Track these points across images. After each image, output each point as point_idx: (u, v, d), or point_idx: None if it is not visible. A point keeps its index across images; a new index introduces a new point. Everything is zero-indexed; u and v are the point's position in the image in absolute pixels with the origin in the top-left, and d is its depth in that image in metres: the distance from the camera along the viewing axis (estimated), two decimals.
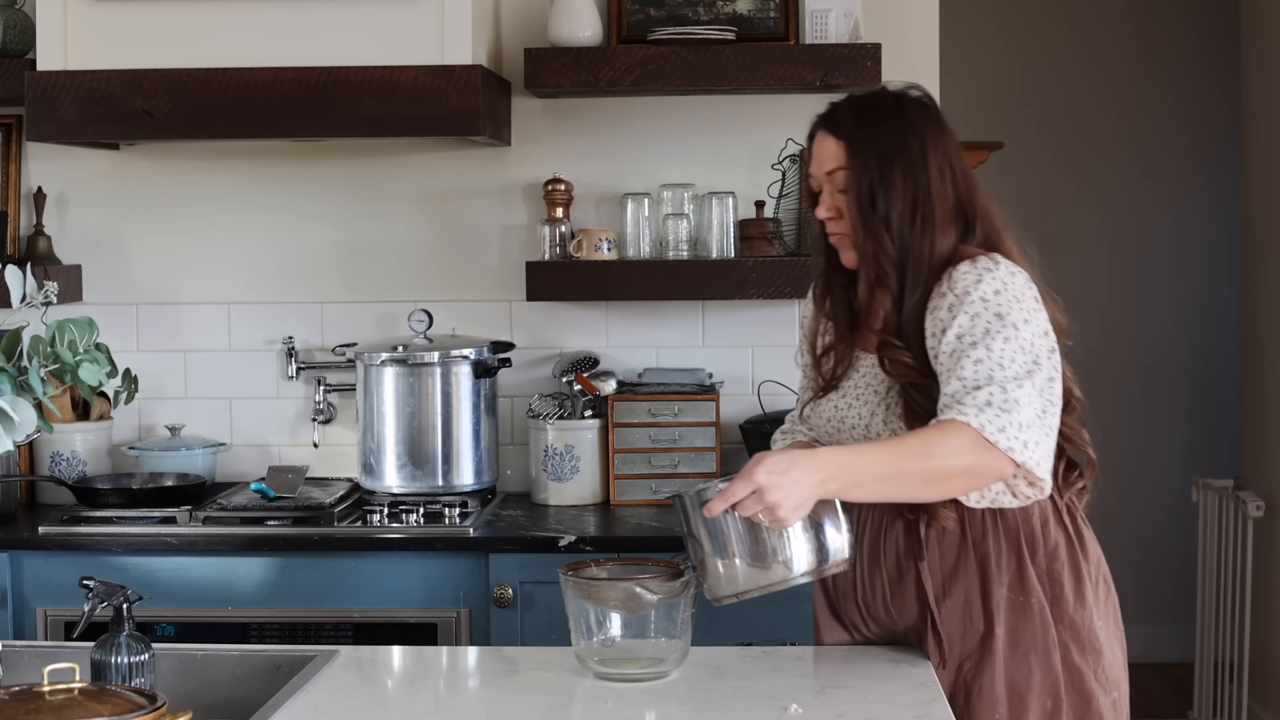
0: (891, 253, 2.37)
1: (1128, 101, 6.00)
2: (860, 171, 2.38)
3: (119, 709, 1.96)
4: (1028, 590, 2.38)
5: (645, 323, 3.87)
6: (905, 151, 2.39)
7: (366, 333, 3.86)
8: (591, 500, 3.71)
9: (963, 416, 2.22)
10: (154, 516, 3.47)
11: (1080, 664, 2.39)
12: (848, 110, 2.45)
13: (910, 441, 2.25)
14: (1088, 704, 2.39)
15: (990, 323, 2.29)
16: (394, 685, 2.43)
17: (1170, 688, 5.71)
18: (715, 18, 3.73)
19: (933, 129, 2.43)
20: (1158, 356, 6.05)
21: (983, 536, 2.38)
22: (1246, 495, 4.80)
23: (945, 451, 2.22)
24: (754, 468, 2.17)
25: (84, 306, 3.83)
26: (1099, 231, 6.04)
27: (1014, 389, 2.24)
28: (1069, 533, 2.43)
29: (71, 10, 3.46)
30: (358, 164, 3.88)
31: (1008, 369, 2.26)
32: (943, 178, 2.40)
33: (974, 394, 2.24)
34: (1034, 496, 2.36)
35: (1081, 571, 2.42)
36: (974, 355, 2.27)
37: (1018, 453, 2.22)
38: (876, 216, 2.37)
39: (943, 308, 2.33)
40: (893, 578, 2.42)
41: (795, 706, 2.16)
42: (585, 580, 2.32)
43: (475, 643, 3.29)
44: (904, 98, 2.46)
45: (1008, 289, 2.33)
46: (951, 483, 2.27)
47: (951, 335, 2.30)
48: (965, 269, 2.34)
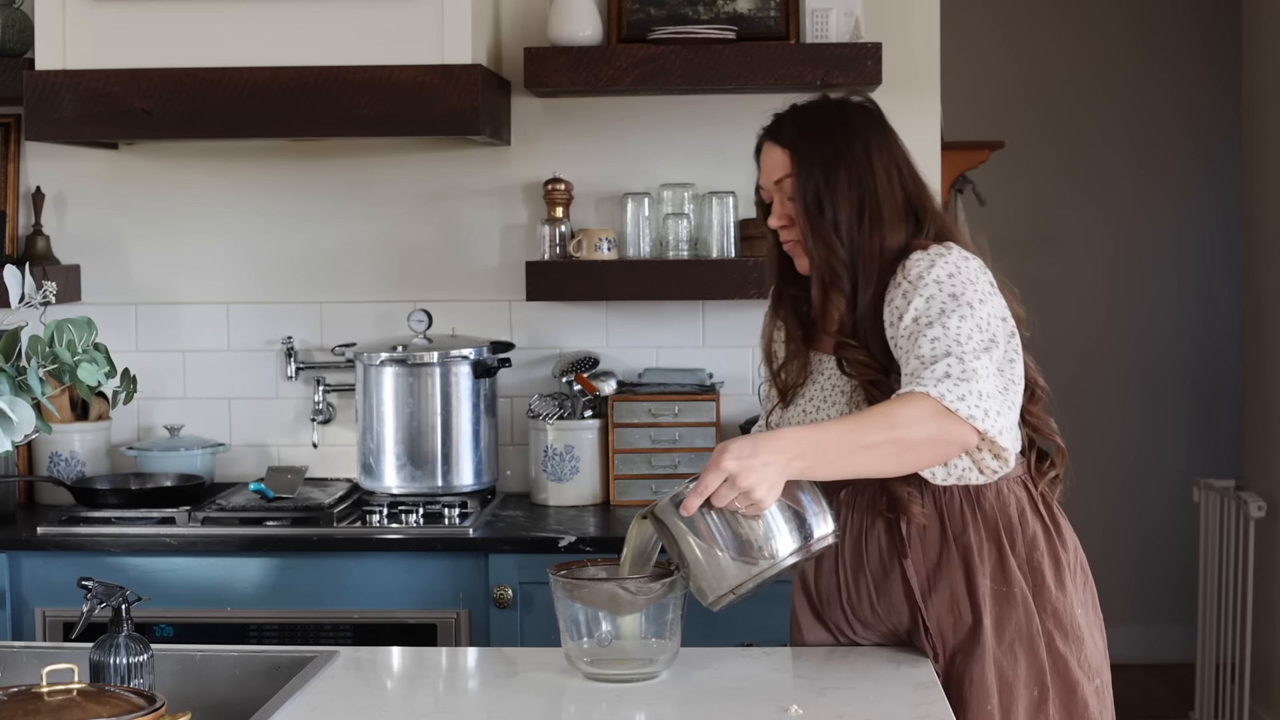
0: (842, 255, 2.41)
1: (1130, 101, 6.00)
2: (806, 177, 2.42)
3: (118, 710, 1.95)
4: (1010, 580, 2.40)
5: (645, 323, 3.87)
6: (849, 155, 2.43)
7: (366, 333, 3.86)
8: (591, 501, 3.70)
9: (921, 387, 2.23)
10: (153, 517, 3.46)
11: (1064, 651, 2.41)
12: (790, 119, 2.50)
13: (872, 415, 2.25)
14: (1073, 691, 2.41)
15: (945, 303, 2.31)
16: (393, 686, 2.43)
17: (1171, 688, 5.71)
18: (715, 17, 3.73)
19: (876, 131, 2.47)
20: (1159, 356, 6.05)
21: (963, 529, 2.40)
22: (1248, 495, 4.80)
23: (907, 421, 2.22)
24: (720, 457, 2.17)
25: (83, 306, 3.82)
26: (1101, 231, 6.04)
27: (971, 360, 2.26)
28: (1045, 522, 2.46)
29: (70, 9, 3.45)
30: (357, 164, 3.87)
31: (965, 345, 2.28)
32: (889, 178, 2.44)
33: (932, 368, 2.26)
34: (1000, 470, 2.37)
35: (1061, 560, 2.45)
36: (930, 334, 2.29)
37: (979, 420, 2.23)
38: (825, 221, 2.41)
39: (898, 296, 2.36)
40: (877, 578, 2.43)
41: (795, 707, 2.15)
42: (570, 580, 2.32)
43: (475, 643, 3.29)
44: (846, 103, 2.50)
45: (961, 272, 2.36)
46: (917, 453, 2.27)
47: (908, 319, 2.32)
48: (918, 257, 2.37)
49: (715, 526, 2.21)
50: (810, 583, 2.51)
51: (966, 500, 2.41)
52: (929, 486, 2.40)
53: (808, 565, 2.48)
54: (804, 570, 2.50)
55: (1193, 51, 5.96)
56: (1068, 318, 6.00)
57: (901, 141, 2.50)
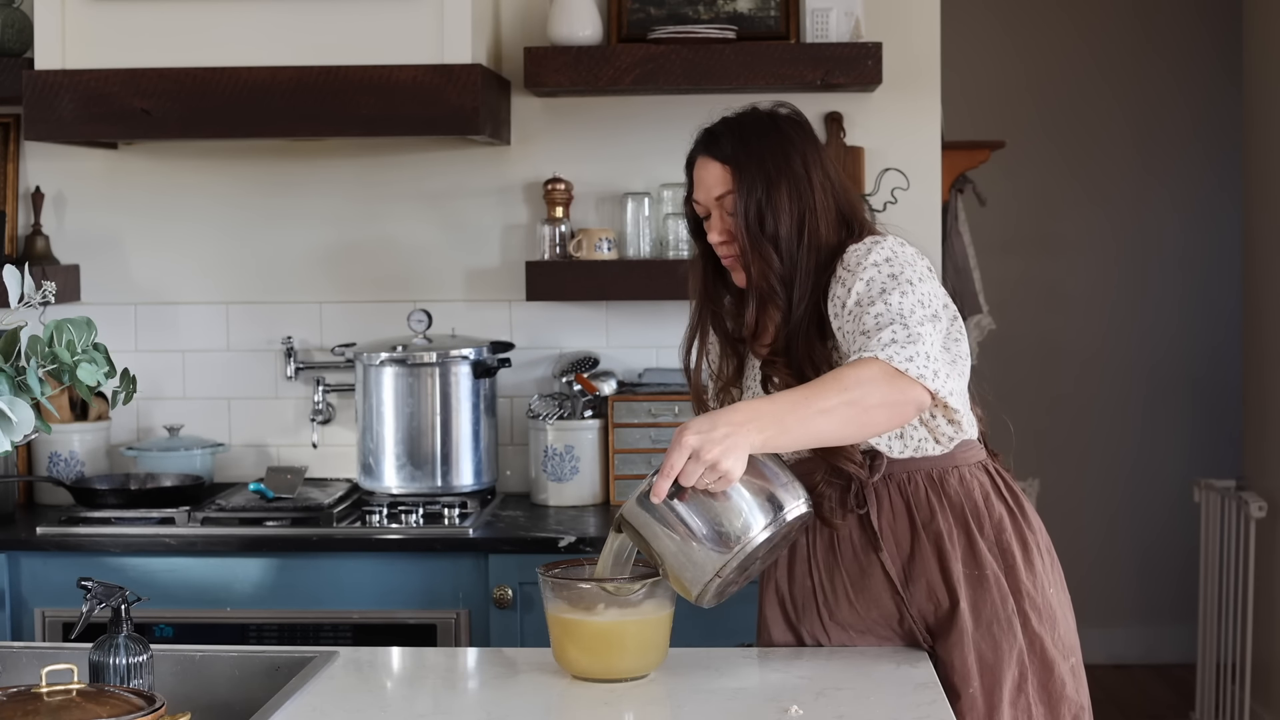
0: (779, 269, 2.42)
1: (1134, 100, 5.99)
2: (748, 193, 2.43)
3: (117, 710, 1.95)
4: (981, 563, 2.42)
5: (645, 323, 3.86)
6: (789, 170, 2.44)
7: (365, 333, 3.85)
8: (591, 501, 3.70)
9: (868, 352, 2.24)
10: (152, 517, 3.46)
11: (1039, 631, 2.43)
12: (727, 133, 2.48)
13: (824, 381, 2.25)
14: (1050, 671, 2.44)
15: (885, 283, 2.33)
16: (393, 686, 2.42)
17: (1172, 689, 5.71)
18: (716, 16, 3.72)
19: (810, 145, 2.48)
20: (1161, 357, 6.04)
21: (930, 517, 2.42)
22: (1249, 496, 4.80)
23: (858, 382, 2.21)
24: (681, 435, 2.16)
25: (82, 306, 3.82)
26: (1104, 231, 6.03)
27: (915, 326, 2.27)
28: (1009, 504, 2.48)
29: (69, 9, 3.45)
30: (357, 163, 3.87)
31: (909, 316, 2.28)
32: (825, 192, 2.45)
33: (877, 335, 2.26)
34: (955, 436, 2.40)
35: (1028, 541, 2.47)
36: (873, 310, 2.30)
37: (929, 380, 2.23)
38: (765, 236, 2.42)
39: (838, 287, 2.38)
40: (854, 575, 2.45)
41: (795, 708, 2.15)
42: (556, 580, 2.31)
43: (475, 644, 3.29)
44: (778, 116, 2.51)
45: (898, 256, 2.38)
46: (873, 415, 2.25)
47: (850, 303, 2.34)
48: (853, 247, 2.40)
49: (685, 516, 2.20)
50: (784, 589, 2.50)
51: (931, 488, 2.44)
52: (894, 477, 2.42)
53: (780, 571, 2.49)
54: (777, 577, 2.50)
55: (1198, 50, 5.95)
56: (1070, 318, 5.99)
57: (828, 152, 2.53)
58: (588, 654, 2.29)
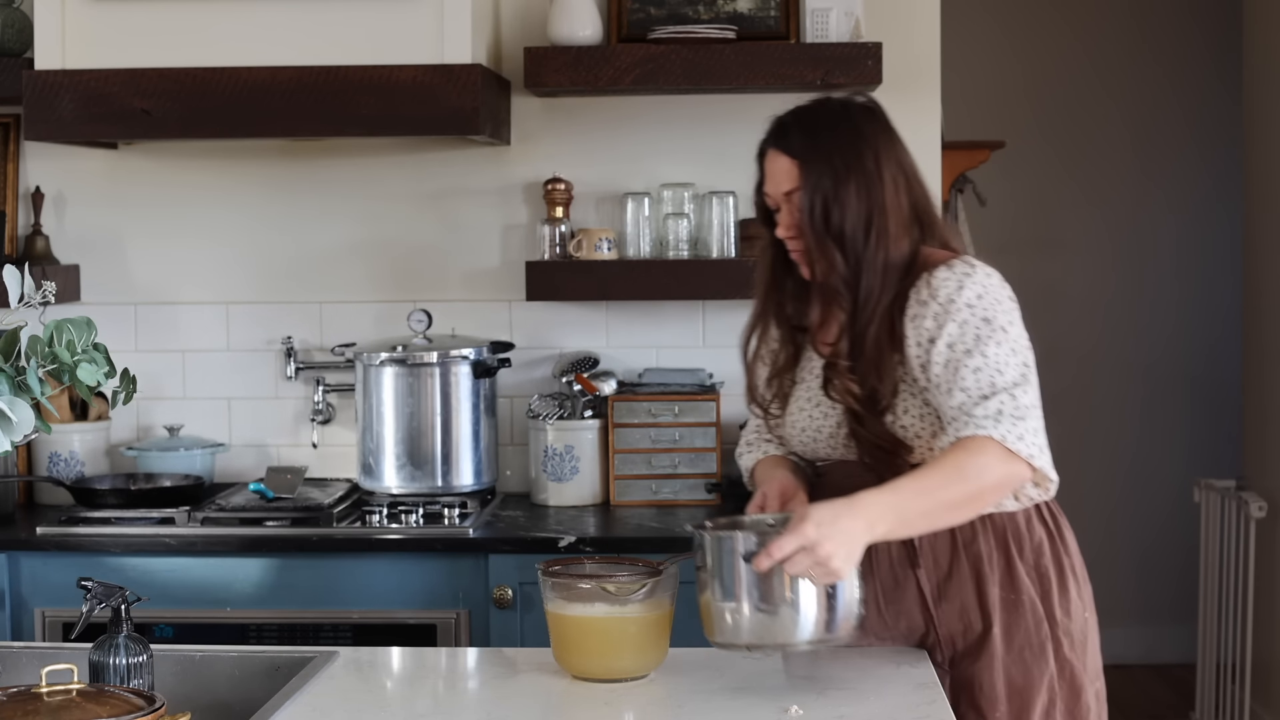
0: (844, 271, 2.36)
1: (1130, 101, 6.00)
2: (813, 189, 2.37)
3: (117, 710, 1.95)
4: (1018, 588, 2.40)
5: (645, 323, 3.86)
6: (859, 165, 2.37)
7: (365, 333, 3.85)
8: (591, 501, 3.70)
9: (982, 430, 2.24)
10: (152, 517, 3.46)
11: (1070, 657, 2.42)
12: (796, 126, 2.43)
13: (944, 468, 2.25)
14: (1078, 697, 2.42)
15: (979, 328, 2.30)
16: (393, 686, 2.42)
17: (1172, 689, 5.71)
18: (715, 16, 3.72)
19: (883, 137, 2.41)
20: (1159, 356, 6.04)
21: (973, 538, 2.40)
22: (1249, 496, 4.80)
23: (978, 470, 2.24)
24: (802, 524, 2.15)
25: (82, 306, 3.82)
26: (1101, 231, 6.03)
27: (1020, 395, 2.27)
28: (1050, 527, 2.46)
29: (69, 9, 3.45)
30: (357, 163, 3.87)
31: (1006, 373, 2.28)
32: (896, 188, 2.39)
33: (983, 404, 2.26)
34: (1037, 498, 2.40)
35: (1064, 565, 2.45)
36: (971, 364, 2.28)
37: (1035, 458, 2.26)
38: (829, 234, 2.36)
39: (926, 316, 2.33)
40: (887, 586, 2.43)
41: (796, 708, 2.15)
42: (556, 579, 2.31)
43: (475, 644, 3.29)
44: (852, 107, 2.44)
45: (989, 292, 2.34)
46: (985, 499, 2.31)
47: (942, 345, 2.31)
48: (944, 275, 2.34)
49: (749, 585, 2.20)
50: None
51: None
52: None
53: None
54: None
55: (1194, 51, 5.96)
56: (1068, 318, 5.99)
57: (903, 143, 2.45)
58: (588, 654, 2.29)
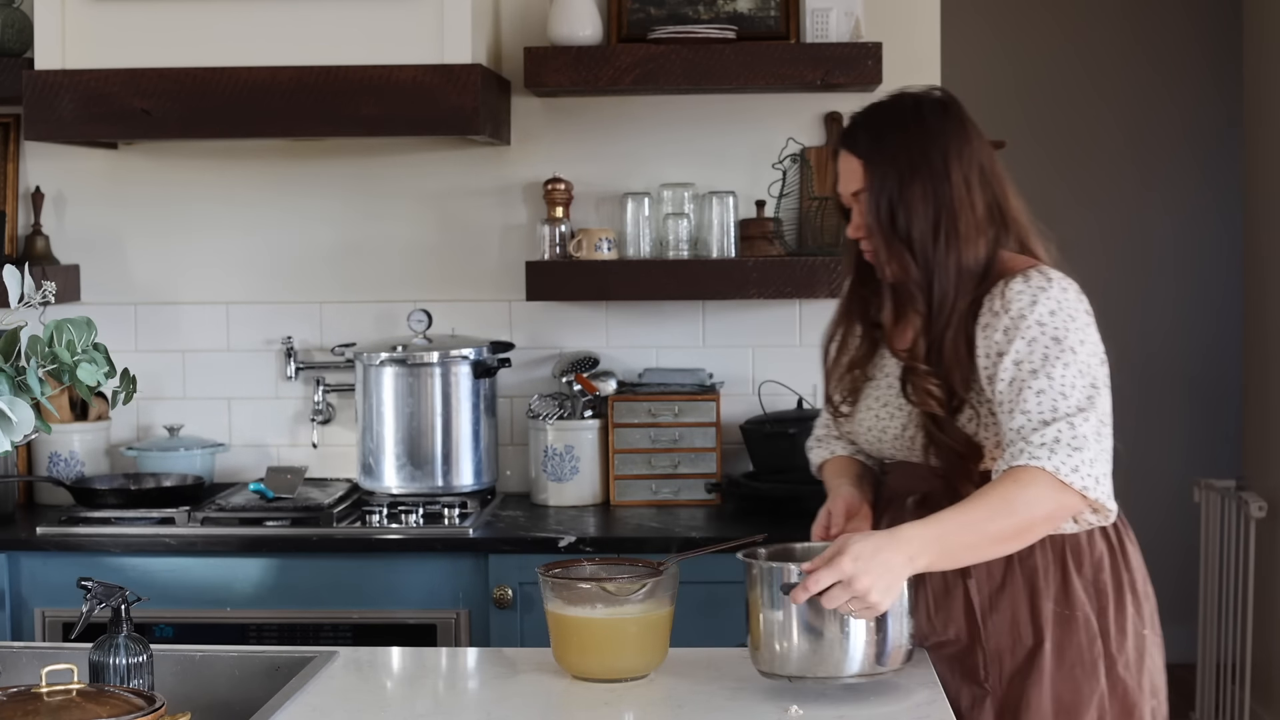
0: (916, 275, 2.31)
1: (1125, 102, 6.00)
2: (879, 190, 2.32)
3: (117, 710, 1.95)
4: (1073, 604, 2.35)
5: (645, 323, 3.86)
6: (926, 165, 2.31)
7: (366, 333, 3.85)
8: (591, 501, 3.70)
9: (1035, 462, 2.19)
10: (152, 517, 3.46)
11: (1124, 676, 2.37)
12: (864, 124, 2.39)
13: (990, 500, 2.21)
14: (1129, 716, 2.37)
15: (1048, 347, 2.26)
16: (393, 686, 2.42)
17: (1172, 689, 5.61)
18: (715, 16, 3.72)
19: (955, 134, 2.35)
20: (1157, 357, 6.04)
21: (1029, 551, 2.34)
22: (1249, 496, 4.79)
23: (1027, 503, 2.20)
24: (839, 557, 2.11)
25: (82, 306, 3.82)
26: (1096, 232, 6.03)
27: (1080, 423, 2.22)
28: (1112, 542, 2.41)
29: (69, 9, 3.45)
30: (357, 163, 3.87)
31: (1070, 398, 2.23)
32: (968, 187, 2.33)
33: (1041, 431, 2.21)
34: (1096, 523, 2.34)
35: (1124, 581, 2.39)
36: (1035, 385, 2.23)
37: (1091, 490, 2.22)
38: (897, 236, 2.31)
39: (997, 329, 2.28)
40: (938, 593, 2.38)
41: (796, 708, 2.15)
42: (556, 579, 2.31)
43: (475, 644, 3.29)
44: (923, 103, 2.38)
45: (1063, 309, 2.29)
46: (1034, 531, 2.26)
47: (1009, 362, 2.26)
48: (1019, 288, 2.29)
49: (794, 616, 2.18)
50: None
51: None
52: None
53: None
54: None
55: (1188, 53, 5.96)
56: None
57: (982, 138, 2.39)
58: (588, 654, 2.29)
